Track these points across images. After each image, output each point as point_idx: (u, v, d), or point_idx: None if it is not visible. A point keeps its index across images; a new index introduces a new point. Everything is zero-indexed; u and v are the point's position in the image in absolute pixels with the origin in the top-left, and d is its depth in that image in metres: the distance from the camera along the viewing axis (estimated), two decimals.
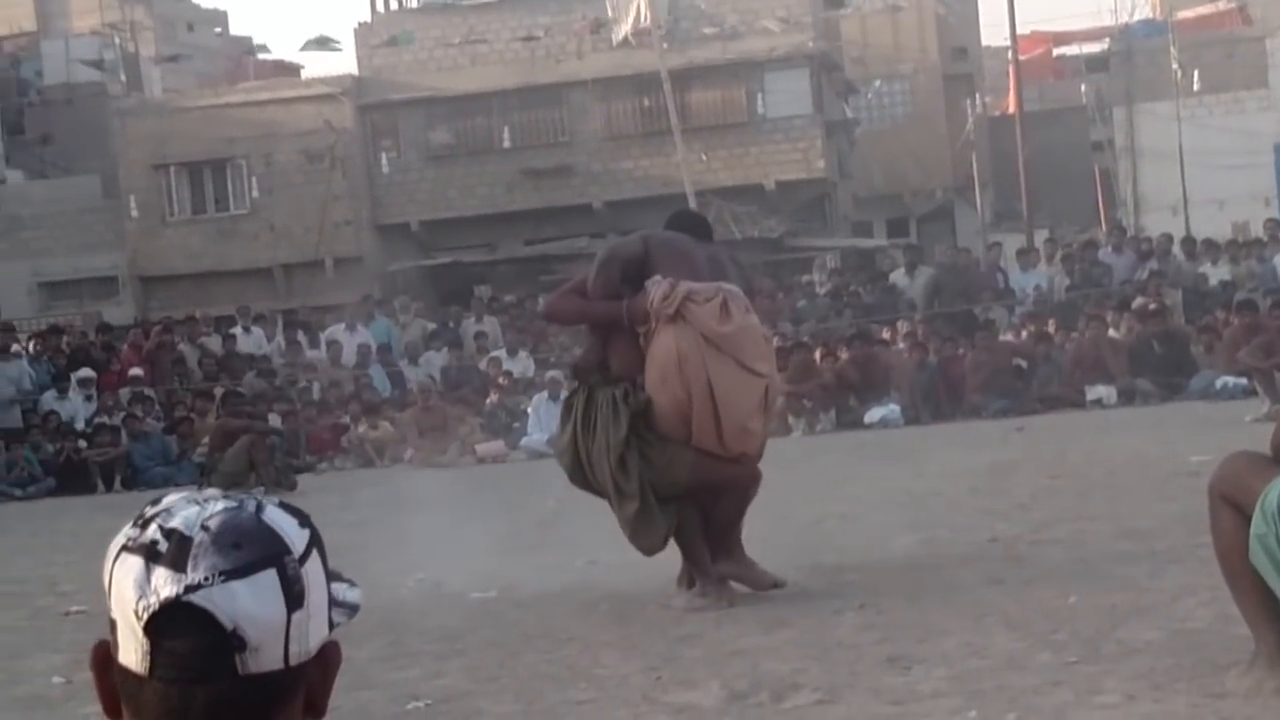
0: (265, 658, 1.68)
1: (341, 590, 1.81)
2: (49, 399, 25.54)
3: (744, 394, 9.12)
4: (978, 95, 49.40)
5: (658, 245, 9.37)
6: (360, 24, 43.01)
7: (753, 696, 6.94)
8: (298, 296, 38.60)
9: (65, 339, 28.49)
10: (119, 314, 37.57)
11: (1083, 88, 46.92)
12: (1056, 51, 53.65)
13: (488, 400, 25.33)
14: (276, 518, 1.73)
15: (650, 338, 9.09)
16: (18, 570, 13.65)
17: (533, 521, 13.85)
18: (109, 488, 23.10)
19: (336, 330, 28.63)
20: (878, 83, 48.87)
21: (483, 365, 27.11)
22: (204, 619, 1.67)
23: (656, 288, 9.06)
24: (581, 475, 9.44)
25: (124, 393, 25.87)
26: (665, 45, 35.28)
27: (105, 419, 24.55)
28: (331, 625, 1.76)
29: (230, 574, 1.67)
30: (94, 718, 5.51)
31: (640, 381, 9.15)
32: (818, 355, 24.01)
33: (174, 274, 40.72)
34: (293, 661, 1.70)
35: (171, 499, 1.75)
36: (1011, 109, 43.39)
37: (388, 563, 11.87)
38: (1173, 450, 15.28)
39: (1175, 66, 39.44)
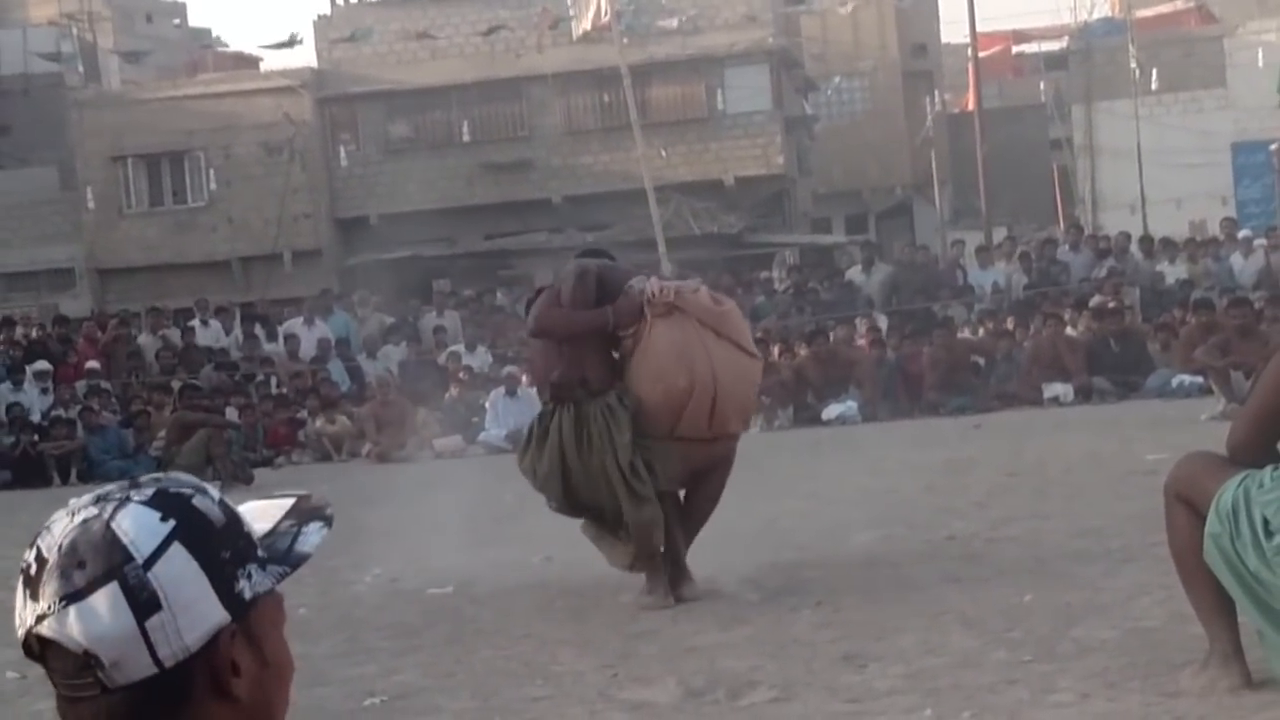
0: (131, 668, 1.70)
1: (309, 534, 1.82)
2: (4, 391, 25.40)
3: (743, 375, 9.29)
4: (937, 92, 49.53)
5: (608, 268, 9.50)
6: (320, 17, 42.94)
7: (709, 694, 6.95)
8: (256, 289, 38.50)
9: (20, 331, 28.34)
10: (76, 306, 37.42)
11: (1042, 85, 47.06)
12: (1016, 49, 53.79)
13: (447, 395, 25.29)
14: (128, 522, 1.72)
15: (639, 337, 9.12)
16: None
17: (490, 517, 13.82)
18: (65, 481, 22.97)
19: (294, 324, 28.56)
20: (837, 79, 48.95)
21: (441, 360, 27.06)
22: (57, 645, 1.70)
23: (647, 284, 9.11)
24: (574, 499, 9.39)
25: (80, 385, 25.76)
26: (625, 40, 35.25)
27: (62, 412, 24.43)
28: (245, 596, 1.74)
29: (70, 598, 1.69)
30: (48, 714, 5.47)
31: (620, 388, 9.18)
32: (776, 352, 24.03)
33: (131, 266, 40.54)
34: (167, 663, 1.70)
35: (61, 510, 1.77)
36: (971, 106, 43.50)
37: (344, 558, 11.83)
38: (1129, 449, 15.34)
39: (1134, 65, 39.59)
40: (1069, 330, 23.85)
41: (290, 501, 1.87)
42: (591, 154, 40.06)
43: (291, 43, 46.25)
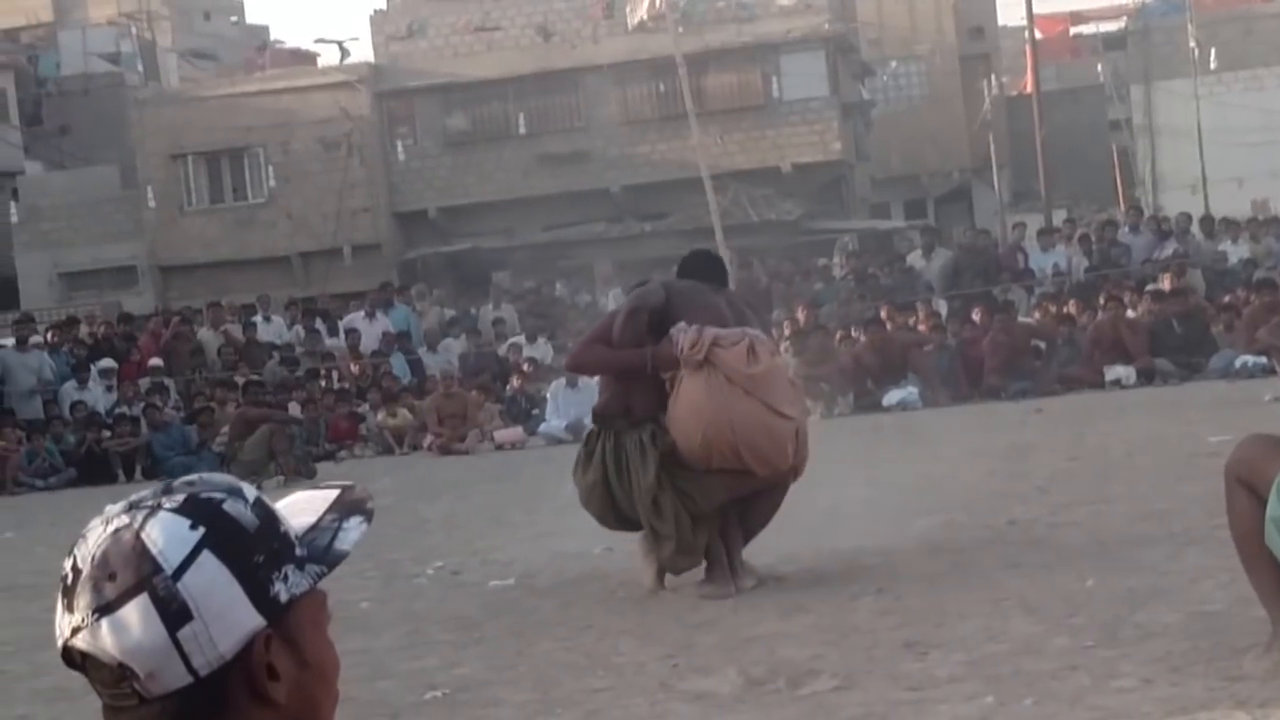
0: (166, 678, 1.70)
1: (349, 530, 1.80)
2: (69, 389, 25.59)
3: (770, 436, 9.14)
4: (994, 75, 49.29)
5: (678, 295, 9.40)
6: (376, 11, 43.04)
7: (770, 683, 6.94)
8: (316, 284, 38.67)
9: (85, 329, 28.55)
10: (139, 304, 37.64)
11: (1100, 66, 46.80)
12: (1074, 30, 53.56)
13: (508, 386, 25.36)
14: (157, 531, 1.71)
15: (677, 383, 9.13)
16: (38, 562, 13.67)
17: (550, 509, 13.85)
18: (129, 478, 23.14)
19: (355, 318, 28.67)
20: (894, 64, 48.79)
21: (502, 351, 27.14)
22: (93, 658, 1.71)
23: (684, 335, 9.10)
24: (613, 516, 9.46)
25: (144, 383, 25.93)
26: (680, 29, 35.21)
27: (125, 409, 24.60)
28: (281, 599, 1.73)
29: (102, 610, 1.70)
30: None
31: (663, 420, 9.20)
32: (836, 338, 24.00)
33: (192, 263, 40.76)
34: (202, 672, 1.70)
35: (98, 517, 1.77)
36: (1029, 89, 43.29)
37: (406, 551, 11.88)
38: (1191, 430, 15.24)
39: (1193, 44, 39.30)
40: (1130, 312, 23.71)
41: (335, 493, 1.85)
42: (649, 143, 40.03)
43: (343, 53, 46.09)
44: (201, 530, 1.72)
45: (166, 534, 1.71)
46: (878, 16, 48.30)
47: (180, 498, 1.74)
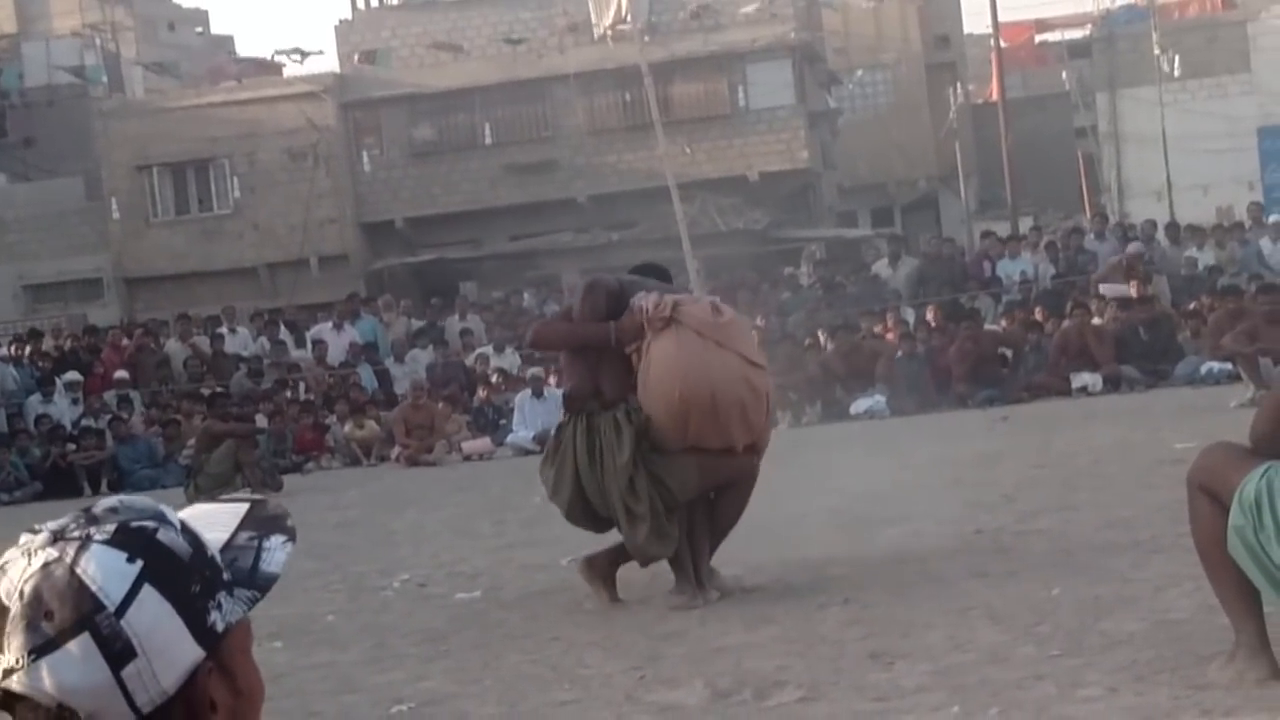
0: (108, 717, 1.64)
1: (272, 550, 1.73)
2: (34, 402, 25.49)
3: (747, 383, 9.18)
4: (960, 83, 49.43)
5: (630, 283, 9.50)
6: (341, 21, 42.99)
7: (736, 695, 6.93)
8: (283, 295, 38.59)
9: (50, 342, 28.44)
10: (104, 315, 37.54)
11: (1065, 74, 46.95)
12: (1039, 38, 53.74)
13: (476, 397, 25.32)
14: (94, 566, 1.64)
15: (644, 352, 9.13)
16: None
17: (517, 520, 13.83)
18: (95, 491, 23.05)
19: (322, 329, 28.61)
20: (860, 72, 48.88)
21: (469, 361, 27.09)
22: (28, 700, 1.63)
23: (646, 298, 9.13)
24: (580, 510, 9.37)
25: (109, 395, 25.84)
26: (646, 39, 35.23)
27: (91, 421, 24.51)
28: (217, 628, 1.68)
29: (39, 650, 1.62)
30: None
31: (635, 402, 9.18)
32: (805, 346, 24.04)
33: (159, 275, 40.65)
34: (145, 710, 1.64)
35: (14, 549, 1.69)
36: (994, 96, 43.41)
37: (372, 564, 11.85)
38: (1157, 437, 15.29)
39: (1157, 52, 39.46)
40: (1096, 320, 23.77)
41: (243, 508, 1.77)
42: (615, 153, 40.05)
43: (304, 57, 45.85)
44: (139, 563, 1.65)
45: (103, 569, 1.64)
46: (843, 25, 48.41)
47: (110, 528, 1.67)
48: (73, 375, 26.16)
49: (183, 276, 40.13)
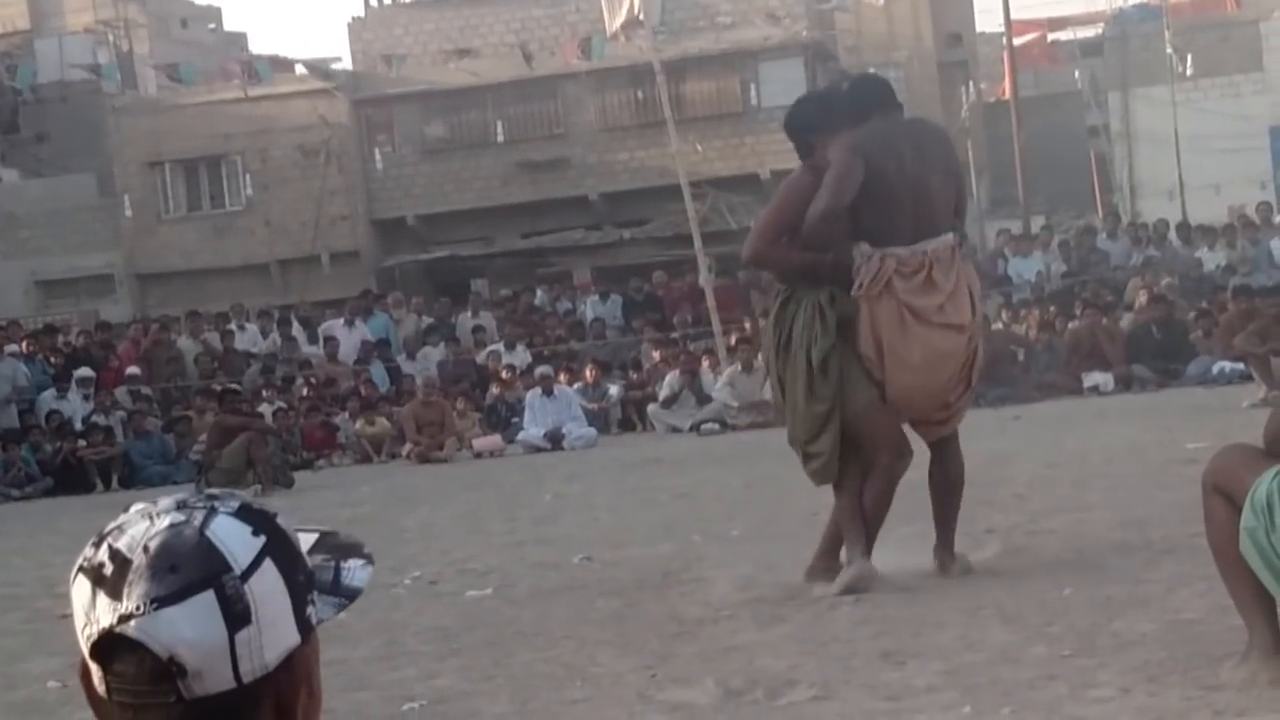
0: (211, 680, 1.67)
1: (352, 569, 1.81)
2: (47, 398, 25.53)
3: (943, 358, 9.05)
4: (972, 82, 49.36)
5: (874, 168, 8.85)
6: (354, 19, 43.02)
7: (748, 694, 6.93)
8: (294, 292, 38.58)
9: (61, 338, 28.48)
10: (116, 312, 37.55)
11: (1077, 73, 46.85)
12: (1051, 37, 53.60)
13: (487, 394, 25.33)
14: (222, 531, 1.70)
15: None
16: (14, 572, 13.63)
17: (529, 517, 13.83)
18: (107, 487, 23.08)
19: (334, 326, 28.64)
20: (872, 70, 48.78)
21: (481, 359, 27.11)
22: (140, 647, 1.65)
23: (866, 264, 8.91)
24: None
25: (121, 391, 25.87)
26: (659, 36, 35.22)
27: (102, 418, 24.54)
28: (312, 621, 1.74)
29: (163, 600, 1.65)
30: None
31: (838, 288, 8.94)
32: None
33: (171, 271, 40.67)
34: (246, 679, 1.68)
35: (130, 513, 1.73)
36: (1007, 95, 43.36)
37: (383, 561, 11.81)
38: (1169, 437, 15.28)
39: (1170, 51, 39.38)
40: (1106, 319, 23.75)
41: (313, 535, 1.83)
42: (627, 150, 40.03)
43: (325, 73, 45.76)
44: (263, 538, 1.71)
45: (232, 536, 1.69)
46: (856, 23, 48.32)
47: (234, 505, 1.73)
48: (85, 371, 26.19)
49: (194, 273, 40.14)
